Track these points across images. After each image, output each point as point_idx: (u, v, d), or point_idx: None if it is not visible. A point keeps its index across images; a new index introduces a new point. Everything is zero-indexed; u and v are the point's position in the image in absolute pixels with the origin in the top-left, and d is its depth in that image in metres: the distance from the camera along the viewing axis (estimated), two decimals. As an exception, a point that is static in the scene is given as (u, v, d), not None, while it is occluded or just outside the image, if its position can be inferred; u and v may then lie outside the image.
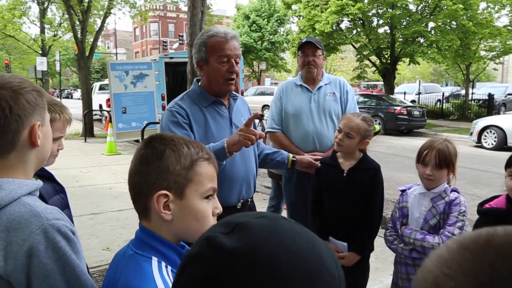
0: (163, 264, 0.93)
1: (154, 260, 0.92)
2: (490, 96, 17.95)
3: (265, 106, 18.97)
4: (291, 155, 2.43)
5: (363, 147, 2.28)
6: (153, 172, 0.95)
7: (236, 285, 0.50)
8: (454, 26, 16.79)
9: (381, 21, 18.39)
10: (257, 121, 5.04)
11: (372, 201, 2.24)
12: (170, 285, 0.87)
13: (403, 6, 17.16)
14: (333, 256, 0.56)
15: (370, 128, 2.26)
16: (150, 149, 0.97)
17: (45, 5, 19.64)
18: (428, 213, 2.10)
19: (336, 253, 0.56)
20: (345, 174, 2.28)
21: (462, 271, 0.39)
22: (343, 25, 19.83)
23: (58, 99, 1.47)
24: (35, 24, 21.88)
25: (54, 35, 21.09)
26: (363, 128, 2.23)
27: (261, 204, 5.25)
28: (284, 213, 4.09)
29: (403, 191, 2.28)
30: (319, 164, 2.40)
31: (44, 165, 1.41)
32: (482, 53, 19.48)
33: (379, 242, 2.34)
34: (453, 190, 2.12)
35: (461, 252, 0.41)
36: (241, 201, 2.09)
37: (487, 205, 1.99)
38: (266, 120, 3.26)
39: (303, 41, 2.88)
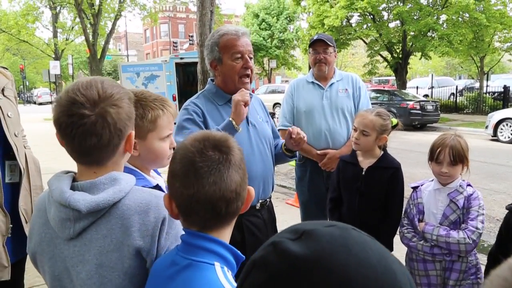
0: (226, 268, 0.87)
1: (218, 266, 0.86)
2: (506, 88, 17.56)
3: (276, 104, 18.94)
4: (283, 144, 2.19)
5: (381, 143, 2.23)
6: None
7: None
8: (467, 19, 16.48)
9: (391, 16, 18.17)
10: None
11: (391, 200, 2.20)
12: None
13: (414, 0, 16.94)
14: (408, 275, 0.52)
15: (386, 123, 2.20)
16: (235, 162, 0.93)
17: (57, 10, 19.94)
18: (447, 208, 2.07)
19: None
20: (363, 173, 2.23)
21: None
22: (353, 20, 19.66)
23: (157, 93, 1.36)
24: (48, 29, 22.31)
25: (66, 39, 21.39)
26: (378, 124, 2.18)
27: (275, 203, 5.22)
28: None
29: (415, 187, 2.24)
30: (304, 137, 2.03)
31: (159, 167, 1.45)
32: (497, 44, 19.09)
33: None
34: (468, 185, 2.10)
35: None
36: (260, 201, 2.06)
37: None
38: (277, 118, 3.24)
39: (314, 38, 2.86)
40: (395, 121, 2.27)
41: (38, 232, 1.06)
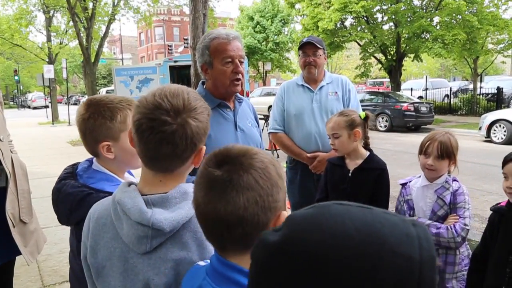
0: None
1: None
2: (499, 89, 17.69)
3: (271, 107, 18.99)
4: None
5: (357, 138, 2.26)
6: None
7: (276, 280, 0.49)
8: (460, 21, 16.61)
9: (385, 18, 18.27)
10: (262, 122, 5.00)
11: (377, 201, 2.21)
12: None
13: (407, 1, 17.04)
14: (409, 234, 0.48)
15: (350, 118, 2.26)
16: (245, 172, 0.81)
17: (51, 14, 19.87)
18: (435, 204, 2.12)
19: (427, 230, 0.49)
20: (350, 174, 2.27)
21: None
22: (347, 23, 19.75)
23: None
24: (42, 33, 22.19)
25: (60, 43, 21.30)
26: (342, 121, 2.25)
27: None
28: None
29: (404, 184, 2.29)
30: None
31: (134, 168, 1.42)
32: (490, 46, 19.24)
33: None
34: (454, 180, 2.14)
35: None
36: None
37: (501, 204, 1.99)
38: (270, 121, 3.25)
39: (304, 41, 2.86)
40: (363, 114, 2.33)
41: (107, 247, 1.03)
